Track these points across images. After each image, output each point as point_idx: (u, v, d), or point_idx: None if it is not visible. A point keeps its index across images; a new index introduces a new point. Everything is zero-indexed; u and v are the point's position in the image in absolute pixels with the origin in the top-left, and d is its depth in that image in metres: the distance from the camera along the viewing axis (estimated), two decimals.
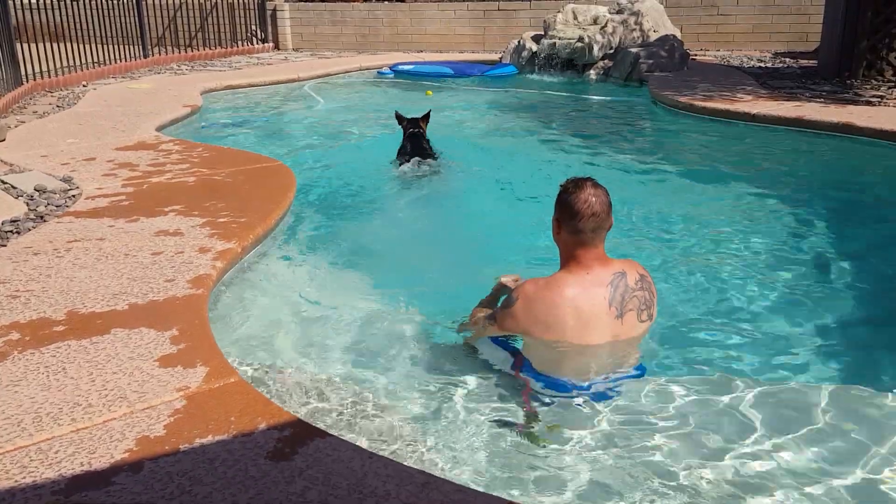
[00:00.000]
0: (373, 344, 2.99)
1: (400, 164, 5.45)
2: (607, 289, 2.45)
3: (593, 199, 2.41)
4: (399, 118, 5.72)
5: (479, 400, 2.56)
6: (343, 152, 6.51)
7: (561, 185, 2.51)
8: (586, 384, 2.49)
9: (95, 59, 10.03)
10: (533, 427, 2.39)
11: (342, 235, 4.38)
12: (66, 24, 9.97)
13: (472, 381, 2.66)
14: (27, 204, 3.94)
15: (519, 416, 2.46)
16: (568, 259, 2.51)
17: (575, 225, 2.42)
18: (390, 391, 2.64)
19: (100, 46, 10.29)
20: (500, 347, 2.71)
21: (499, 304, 2.69)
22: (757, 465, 2.19)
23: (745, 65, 10.18)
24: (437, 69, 10.64)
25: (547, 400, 2.50)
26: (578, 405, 2.46)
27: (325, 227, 4.50)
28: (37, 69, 8.59)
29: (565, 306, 2.42)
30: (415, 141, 5.51)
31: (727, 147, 6.45)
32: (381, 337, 3.05)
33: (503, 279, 2.94)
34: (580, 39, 10.05)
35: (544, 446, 2.32)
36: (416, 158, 5.37)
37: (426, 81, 10.17)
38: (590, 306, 2.43)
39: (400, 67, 10.85)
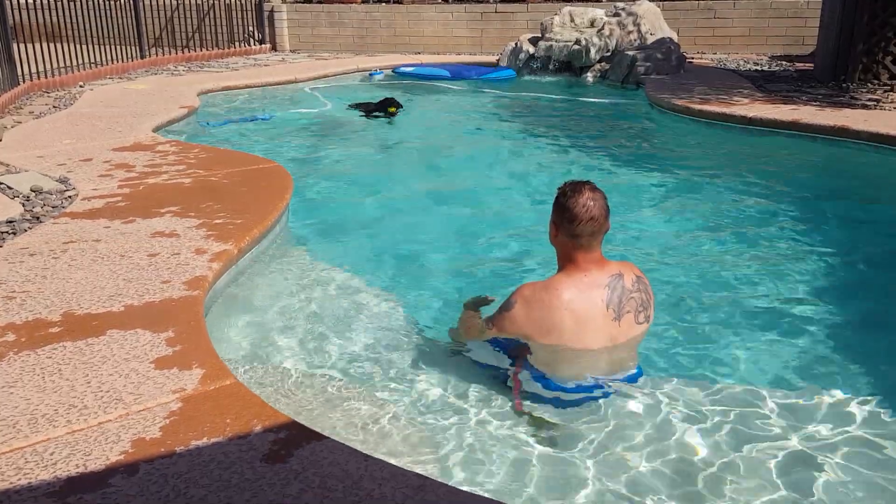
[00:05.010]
0: (369, 345, 3.00)
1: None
2: (604, 291, 2.45)
3: (591, 203, 2.41)
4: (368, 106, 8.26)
5: (475, 401, 2.57)
6: (340, 153, 6.52)
7: (558, 189, 2.51)
8: (584, 386, 2.50)
9: (92, 60, 10.02)
10: (531, 422, 2.41)
11: (339, 237, 4.39)
12: (63, 25, 9.95)
13: (470, 382, 2.67)
14: (23, 205, 3.94)
15: (513, 415, 2.47)
16: (565, 262, 2.51)
17: (573, 229, 2.42)
18: (387, 392, 2.64)
19: (97, 47, 10.27)
20: (499, 348, 2.72)
21: (497, 309, 2.69)
22: (752, 471, 2.20)
23: (741, 68, 10.20)
24: (435, 72, 10.66)
25: (540, 399, 2.51)
26: (574, 407, 2.47)
27: (321, 228, 4.50)
28: (34, 69, 8.58)
29: (563, 309, 2.43)
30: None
31: (723, 150, 6.47)
32: (378, 338, 3.05)
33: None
34: (577, 42, 10.07)
35: (541, 433, 2.33)
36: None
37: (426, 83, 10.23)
38: (587, 309, 2.44)
39: (401, 70, 10.88)
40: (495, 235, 4.40)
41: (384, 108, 7.96)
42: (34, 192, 4.16)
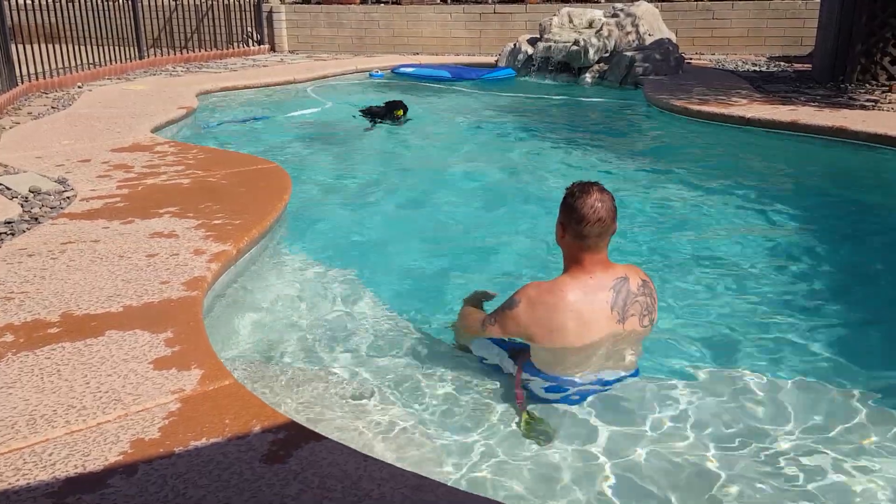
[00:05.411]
0: (368, 345, 3.00)
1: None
2: (609, 293, 2.45)
3: (599, 204, 2.41)
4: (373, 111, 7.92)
5: (474, 401, 2.57)
6: (339, 153, 6.52)
7: (566, 190, 2.51)
8: (584, 384, 2.51)
9: (91, 61, 10.01)
10: (530, 422, 2.41)
11: (338, 237, 4.39)
12: (61, 26, 9.95)
13: (468, 382, 2.67)
14: (22, 205, 3.93)
15: (513, 415, 2.47)
16: (571, 263, 2.51)
17: (580, 230, 2.42)
18: (386, 393, 2.64)
19: (95, 48, 10.27)
20: (500, 346, 2.72)
21: (499, 307, 2.69)
22: (751, 466, 2.20)
23: (739, 69, 10.21)
24: (436, 72, 10.68)
25: (541, 398, 2.51)
26: (574, 405, 2.47)
27: (320, 228, 4.51)
28: (32, 70, 8.57)
29: (567, 310, 2.43)
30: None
31: (721, 150, 6.47)
32: (377, 338, 3.05)
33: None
34: (576, 43, 10.08)
35: (541, 439, 2.33)
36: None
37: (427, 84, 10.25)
38: (591, 311, 2.44)
39: (401, 70, 10.89)
40: (496, 236, 4.40)
41: (391, 112, 7.71)
42: (32, 192, 4.15)
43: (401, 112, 7.66)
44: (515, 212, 4.89)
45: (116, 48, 10.79)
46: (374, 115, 7.74)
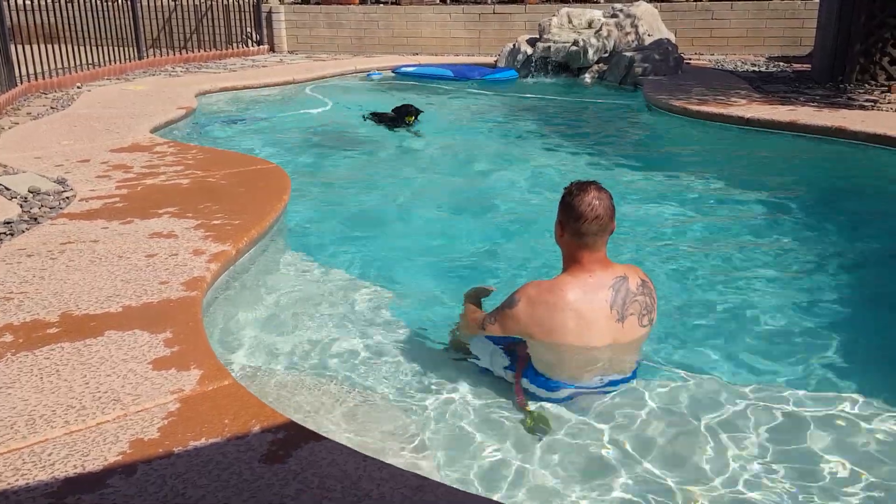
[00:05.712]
0: (368, 345, 3.00)
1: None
2: (609, 292, 2.46)
3: (597, 202, 2.42)
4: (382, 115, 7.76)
5: (474, 401, 2.57)
6: (338, 153, 6.52)
7: (565, 188, 2.52)
8: (583, 385, 2.51)
9: (90, 61, 10.01)
10: (528, 418, 2.41)
11: (337, 237, 4.39)
12: (60, 26, 9.94)
13: (468, 381, 2.67)
14: (21, 206, 3.93)
15: (514, 415, 2.47)
16: (570, 262, 2.51)
17: (578, 228, 2.42)
18: (385, 393, 2.64)
19: (95, 48, 10.27)
20: (499, 345, 2.72)
21: (500, 305, 2.69)
22: (747, 467, 2.20)
23: (739, 69, 10.21)
24: (438, 71, 10.68)
25: (539, 398, 2.51)
26: (572, 405, 2.47)
27: (320, 229, 4.50)
28: (31, 71, 8.57)
29: (567, 309, 2.43)
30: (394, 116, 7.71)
31: (721, 151, 6.48)
32: (377, 338, 3.05)
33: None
34: (575, 43, 10.09)
35: (539, 434, 2.33)
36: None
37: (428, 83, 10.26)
38: (591, 310, 2.44)
39: (403, 69, 10.89)
40: (495, 236, 4.40)
41: (402, 118, 7.47)
42: (32, 193, 4.15)
43: (412, 118, 7.48)
44: (514, 211, 4.89)
45: (116, 48, 10.79)
46: (387, 121, 7.58)
